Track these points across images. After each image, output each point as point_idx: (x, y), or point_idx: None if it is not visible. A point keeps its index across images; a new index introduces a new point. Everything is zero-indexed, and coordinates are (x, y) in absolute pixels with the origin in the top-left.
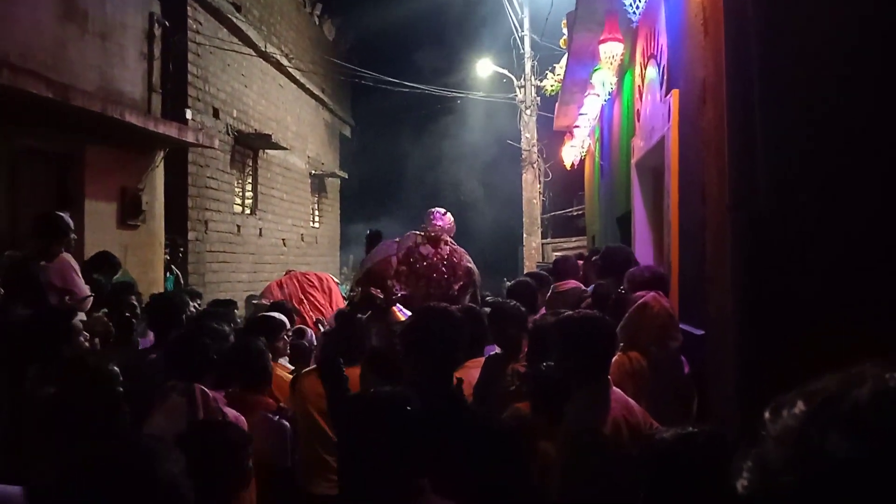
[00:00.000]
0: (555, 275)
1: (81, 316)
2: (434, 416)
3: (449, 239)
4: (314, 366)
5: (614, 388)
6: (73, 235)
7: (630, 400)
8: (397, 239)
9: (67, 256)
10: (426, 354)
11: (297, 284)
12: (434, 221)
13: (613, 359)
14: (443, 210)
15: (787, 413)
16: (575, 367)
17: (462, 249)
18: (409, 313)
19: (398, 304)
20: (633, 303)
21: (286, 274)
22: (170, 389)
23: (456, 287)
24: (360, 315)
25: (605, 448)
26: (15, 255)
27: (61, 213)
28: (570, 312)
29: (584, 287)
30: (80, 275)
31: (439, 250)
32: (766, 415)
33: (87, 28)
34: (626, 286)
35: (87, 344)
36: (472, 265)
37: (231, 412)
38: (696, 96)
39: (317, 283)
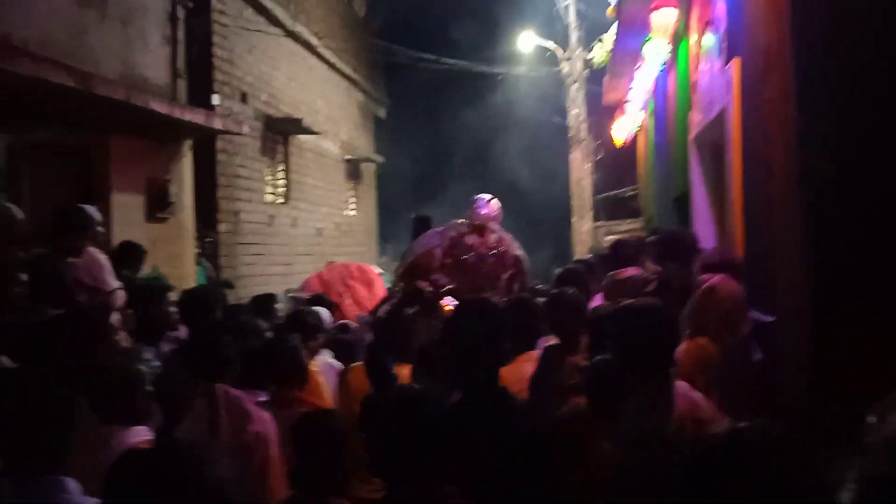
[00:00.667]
0: (613, 261)
1: (116, 316)
2: (468, 416)
3: (496, 227)
4: (362, 362)
5: (679, 382)
6: (99, 229)
7: (697, 394)
8: (440, 229)
9: (95, 252)
10: (462, 350)
11: (336, 276)
12: (479, 209)
13: (680, 347)
14: (488, 196)
15: None
16: (634, 361)
17: (510, 236)
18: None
19: (447, 297)
20: (698, 288)
21: (326, 266)
22: (195, 390)
23: (504, 277)
24: (407, 310)
25: (667, 450)
26: (42, 253)
27: (84, 207)
28: (629, 301)
29: (646, 274)
30: (110, 271)
31: (485, 239)
32: (871, 419)
33: (106, 12)
34: (697, 271)
35: (123, 343)
36: (521, 253)
37: (258, 412)
38: (759, 65)
39: (358, 275)
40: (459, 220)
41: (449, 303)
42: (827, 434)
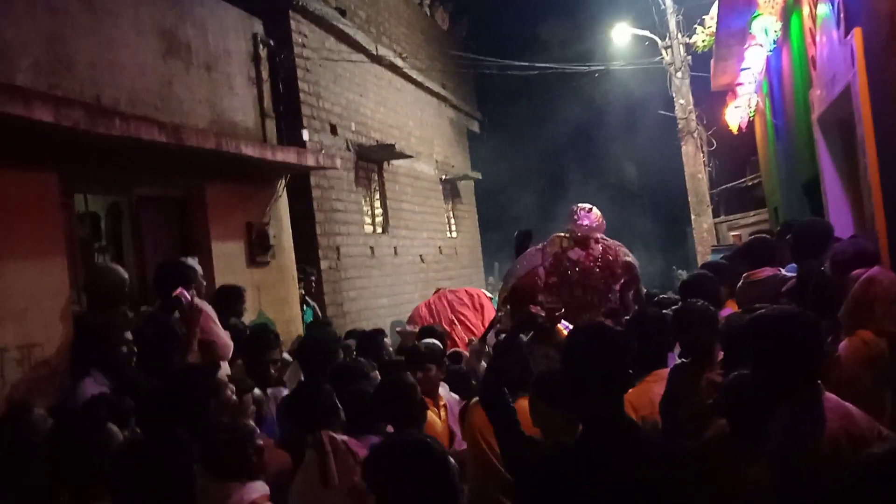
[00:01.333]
0: (747, 260)
1: (225, 367)
2: (591, 453)
3: (599, 236)
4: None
5: (828, 394)
6: (201, 281)
7: (849, 406)
8: (541, 245)
9: (201, 303)
10: (579, 381)
11: (445, 304)
12: (579, 221)
13: (842, 344)
14: (588, 206)
15: None
16: (776, 375)
17: (616, 243)
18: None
19: (563, 321)
20: (844, 286)
21: (435, 293)
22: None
23: (617, 287)
24: (521, 337)
25: (821, 472)
26: (149, 310)
27: (185, 259)
28: (763, 309)
29: (783, 273)
30: (217, 322)
31: (590, 251)
32: None
33: (191, 61)
34: (829, 268)
35: (234, 397)
36: (630, 258)
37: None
38: (884, 33)
39: (468, 301)
40: (561, 234)
41: (566, 327)
42: None
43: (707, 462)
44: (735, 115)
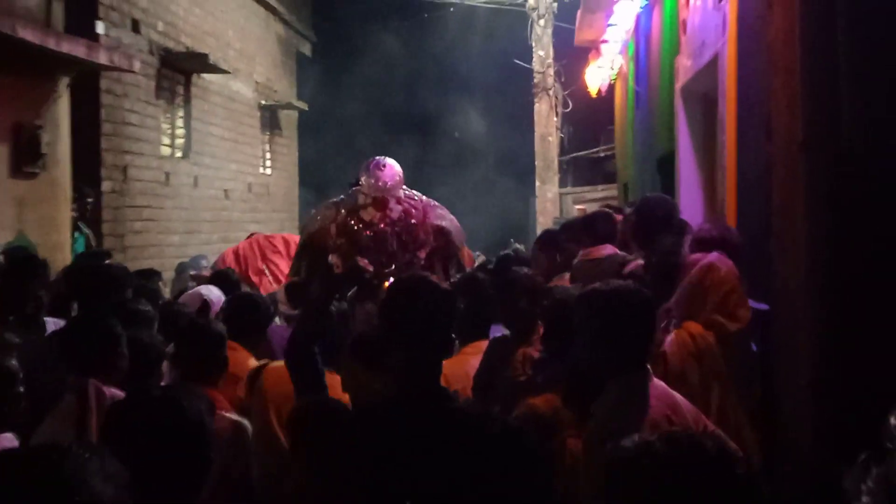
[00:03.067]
0: (588, 234)
1: None
2: (417, 422)
3: (402, 195)
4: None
5: (656, 380)
6: None
7: (677, 396)
8: (341, 197)
9: None
10: (404, 340)
11: (256, 250)
12: (378, 179)
13: (670, 337)
14: (385, 160)
15: None
16: (605, 354)
17: (431, 203)
18: None
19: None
20: (688, 268)
21: (248, 238)
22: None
23: (421, 255)
24: (343, 292)
25: None
26: None
27: None
28: (598, 284)
29: (623, 254)
30: None
31: (388, 212)
32: (893, 421)
33: None
34: (689, 247)
35: None
36: (445, 223)
37: None
38: (761, 1)
39: (282, 249)
40: (361, 189)
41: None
42: (833, 437)
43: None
44: (596, 77)
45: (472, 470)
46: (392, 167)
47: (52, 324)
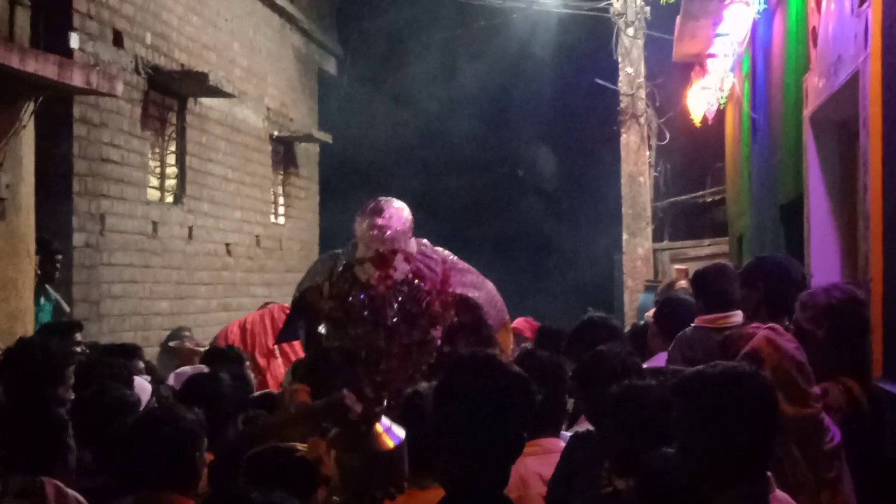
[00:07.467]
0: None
1: None
2: None
3: (414, 249)
4: None
5: (779, 492)
6: None
7: None
8: (341, 251)
9: None
10: (462, 439)
11: (268, 327)
12: (372, 227)
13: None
14: (388, 202)
15: None
16: (713, 458)
17: (457, 264)
18: (402, 436)
19: (385, 420)
20: (731, 342)
21: (261, 308)
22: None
23: (436, 332)
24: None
25: None
26: None
27: None
28: (703, 367)
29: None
30: None
31: (390, 272)
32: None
33: None
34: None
35: None
36: (474, 292)
37: None
38: None
39: None
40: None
41: (387, 430)
42: None
43: None
44: (701, 100)
45: None
46: (396, 211)
47: None
